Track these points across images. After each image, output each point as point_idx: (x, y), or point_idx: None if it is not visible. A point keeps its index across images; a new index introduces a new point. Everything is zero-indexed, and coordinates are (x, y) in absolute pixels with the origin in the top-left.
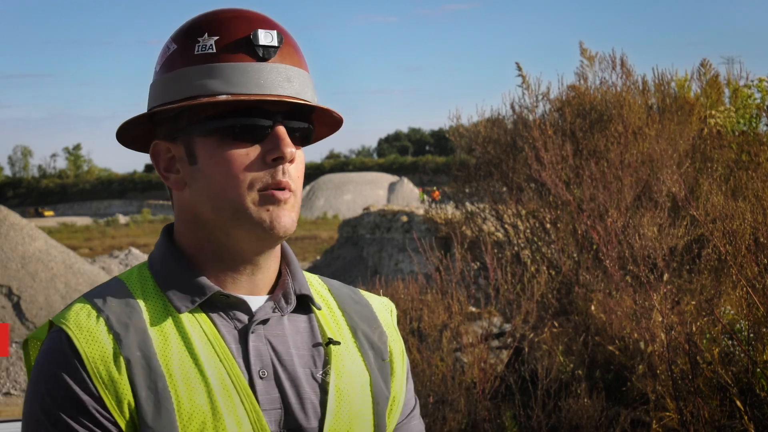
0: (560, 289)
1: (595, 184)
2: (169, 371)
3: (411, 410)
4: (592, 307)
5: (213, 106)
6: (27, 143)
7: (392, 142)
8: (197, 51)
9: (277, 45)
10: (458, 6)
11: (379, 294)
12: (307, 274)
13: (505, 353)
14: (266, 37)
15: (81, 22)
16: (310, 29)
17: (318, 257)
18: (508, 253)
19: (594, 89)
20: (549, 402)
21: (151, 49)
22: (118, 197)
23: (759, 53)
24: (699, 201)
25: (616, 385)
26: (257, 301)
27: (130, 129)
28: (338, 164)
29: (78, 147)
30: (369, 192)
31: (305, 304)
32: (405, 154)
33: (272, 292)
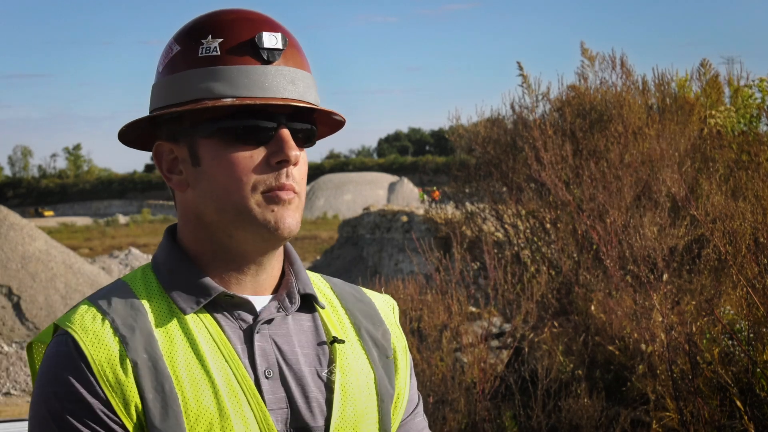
0: (560, 289)
1: (594, 184)
2: (175, 373)
3: (415, 407)
4: (592, 307)
5: (217, 109)
6: (27, 143)
7: (392, 142)
8: (201, 53)
9: (281, 48)
10: (458, 6)
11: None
12: (310, 273)
13: (505, 353)
14: (270, 40)
15: (81, 22)
16: (310, 29)
17: (318, 257)
18: (508, 253)
19: (594, 89)
20: (549, 402)
21: (151, 49)
22: (118, 197)
23: (759, 53)
24: (699, 201)
25: (616, 385)
26: (261, 301)
27: (132, 130)
28: (338, 164)
29: (78, 147)
30: (369, 192)
31: (309, 303)
32: (405, 154)
33: (276, 291)
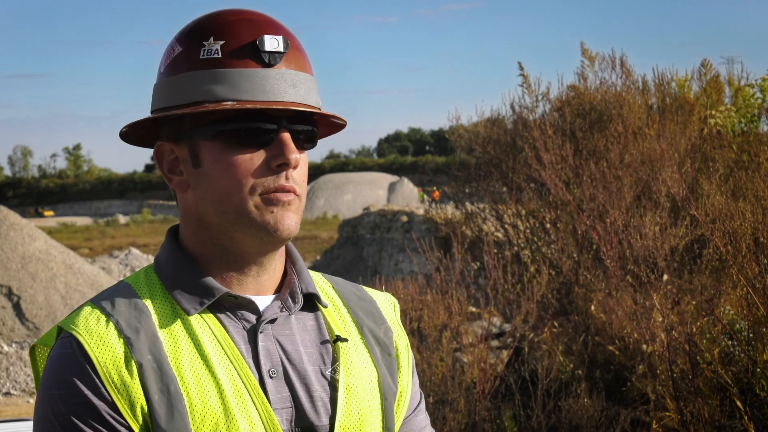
0: (560, 289)
1: (594, 184)
2: (180, 374)
3: (417, 405)
4: (592, 307)
5: (218, 112)
6: (27, 143)
7: (392, 142)
8: (202, 55)
9: (282, 51)
10: (458, 6)
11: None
12: (311, 272)
13: (505, 353)
14: (272, 43)
15: (81, 22)
16: (310, 29)
17: (318, 257)
18: (508, 253)
19: (594, 89)
20: (549, 402)
21: (151, 49)
22: (118, 197)
23: (759, 53)
24: (699, 201)
25: (616, 385)
26: (264, 301)
27: (134, 130)
28: (338, 164)
29: (78, 147)
30: (369, 192)
31: (311, 302)
32: (405, 154)
33: (278, 291)
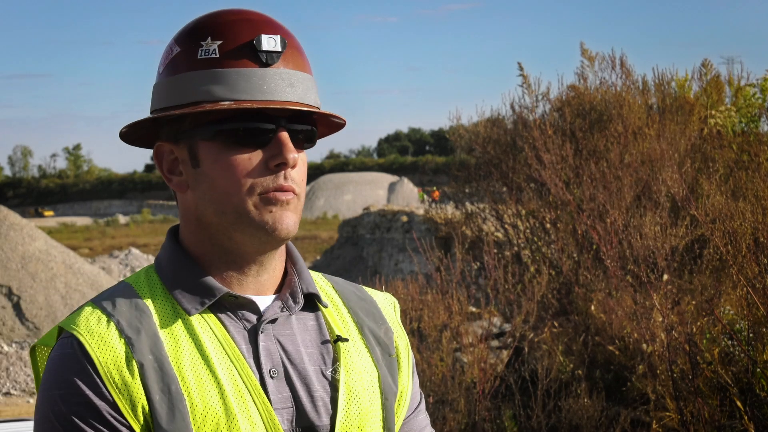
0: (560, 289)
1: (594, 184)
2: (181, 374)
3: (417, 405)
4: (592, 307)
5: (216, 112)
6: (27, 143)
7: (392, 142)
8: (200, 55)
9: (280, 50)
10: (458, 6)
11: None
12: (312, 272)
13: (505, 353)
14: (269, 43)
15: (81, 22)
16: (310, 29)
17: (318, 257)
18: (508, 253)
19: (594, 89)
20: (549, 402)
21: (151, 49)
22: (118, 197)
23: (759, 53)
24: (699, 201)
25: (616, 385)
26: (265, 301)
27: (133, 130)
28: (338, 164)
29: (78, 147)
30: (369, 192)
31: (312, 302)
32: (405, 154)
33: (279, 291)
